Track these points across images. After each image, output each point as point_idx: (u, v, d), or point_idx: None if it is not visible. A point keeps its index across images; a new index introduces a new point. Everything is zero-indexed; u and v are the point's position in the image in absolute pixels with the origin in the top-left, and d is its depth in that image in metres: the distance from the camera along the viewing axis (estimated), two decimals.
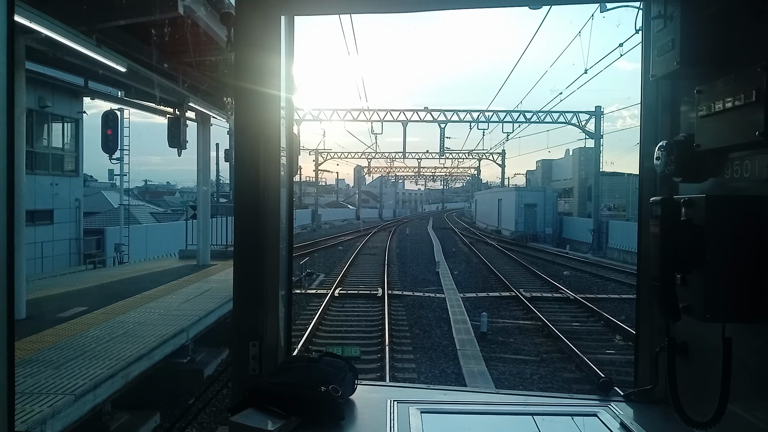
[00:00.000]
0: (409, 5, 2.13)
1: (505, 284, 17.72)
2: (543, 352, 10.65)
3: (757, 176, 1.46)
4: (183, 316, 8.22)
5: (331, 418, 1.73)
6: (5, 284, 1.23)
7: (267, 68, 1.93)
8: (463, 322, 12.53)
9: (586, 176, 41.98)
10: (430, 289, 17.05)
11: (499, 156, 58.56)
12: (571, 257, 27.85)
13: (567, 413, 1.91)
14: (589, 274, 21.40)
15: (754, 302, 1.45)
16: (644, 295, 1.97)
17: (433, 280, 19.28)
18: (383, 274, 19.85)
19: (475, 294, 16.30)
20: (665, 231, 1.58)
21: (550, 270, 22.33)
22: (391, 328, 11.88)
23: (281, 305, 2.06)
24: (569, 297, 15.71)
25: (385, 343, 10.59)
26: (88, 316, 8.19)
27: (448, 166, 74.65)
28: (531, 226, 41.30)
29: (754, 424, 1.48)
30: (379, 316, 13.10)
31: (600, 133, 33.55)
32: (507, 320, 13.18)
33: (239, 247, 1.99)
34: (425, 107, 35.22)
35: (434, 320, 13.04)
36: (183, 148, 11.83)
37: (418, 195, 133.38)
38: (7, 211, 1.24)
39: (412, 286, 17.80)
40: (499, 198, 49.71)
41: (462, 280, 19.39)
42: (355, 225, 54.93)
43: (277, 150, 1.98)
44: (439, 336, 11.65)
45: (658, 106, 1.92)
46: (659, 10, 1.68)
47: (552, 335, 11.58)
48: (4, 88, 1.23)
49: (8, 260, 1.24)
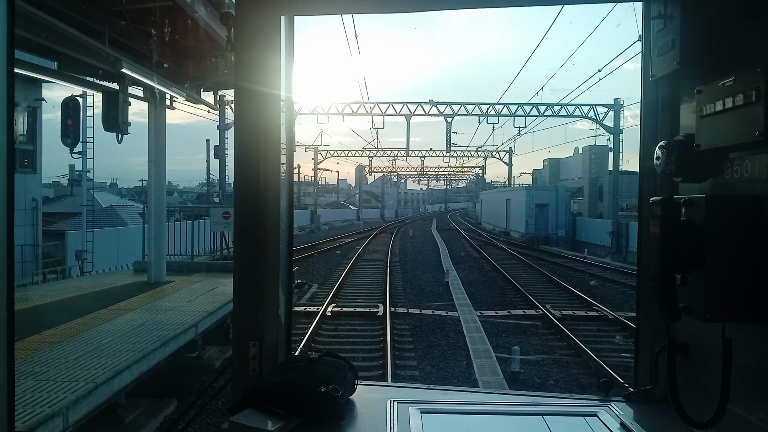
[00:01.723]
0: (409, 5, 2.12)
1: (528, 299, 14.99)
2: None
3: (757, 176, 1.47)
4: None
5: (331, 418, 1.74)
6: (5, 284, 1.29)
7: (267, 68, 1.95)
8: (486, 354, 9.79)
9: (596, 175, 40.59)
10: (441, 305, 14.36)
11: (506, 154, 55.92)
12: (592, 263, 25.21)
13: (567, 413, 1.91)
14: (616, 283, 18.67)
15: (754, 302, 1.45)
16: (644, 295, 1.97)
17: (442, 293, 16.52)
18: (385, 285, 17.14)
19: (494, 312, 13.56)
20: (665, 231, 1.57)
21: (574, 279, 19.62)
22: (395, 364, 9.15)
23: (281, 305, 2.07)
24: (608, 316, 12.95)
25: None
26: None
27: (453, 164, 71.64)
28: (542, 228, 38.43)
29: (754, 424, 1.48)
30: (380, 347, 10.35)
31: (619, 127, 30.73)
32: (541, 352, 10.39)
33: (239, 247, 1.99)
34: (430, 99, 32.24)
35: (449, 351, 10.33)
36: (123, 132, 9.02)
37: (420, 195, 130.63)
38: (7, 212, 1.30)
39: (419, 300, 15.11)
40: (507, 198, 46.97)
41: (476, 292, 16.64)
42: (356, 226, 52.96)
43: (277, 150, 2.00)
44: (459, 377, 8.88)
45: (658, 106, 1.93)
46: (659, 10, 1.69)
47: (606, 375, 8.72)
48: (4, 87, 1.30)
49: (8, 261, 1.30)
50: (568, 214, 39.59)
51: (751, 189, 1.48)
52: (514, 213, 44.12)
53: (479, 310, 13.65)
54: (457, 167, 76.33)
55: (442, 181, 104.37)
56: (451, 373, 9.17)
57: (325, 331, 11.72)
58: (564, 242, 37.11)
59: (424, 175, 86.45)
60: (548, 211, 38.86)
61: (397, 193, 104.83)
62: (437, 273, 20.56)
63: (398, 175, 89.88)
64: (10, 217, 1.30)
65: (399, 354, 10.02)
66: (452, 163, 68.85)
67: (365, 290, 16.93)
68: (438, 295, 16.17)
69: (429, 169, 78.70)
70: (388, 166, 72.61)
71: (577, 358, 10.04)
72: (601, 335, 11.71)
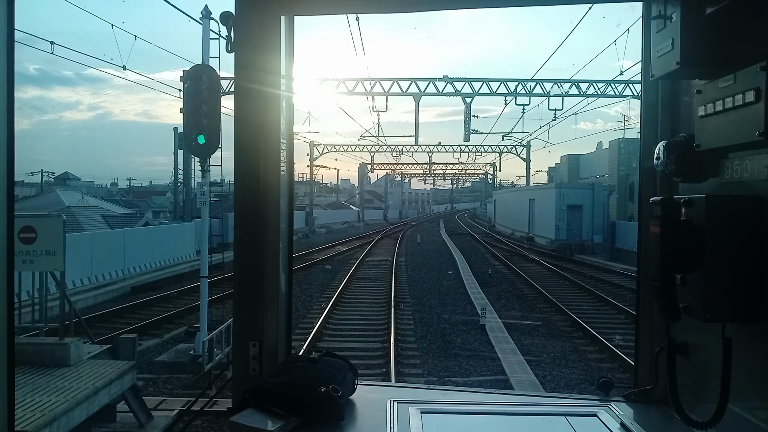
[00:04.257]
0: (409, 5, 2.17)
1: (622, 359, 9.49)
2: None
3: (757, 176, 1.50)
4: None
5: (331, 418, 1.77)
6: (5, 285, 1.31)
7: (267, 68, 1.97)
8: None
9: (626, 172, 37.08)
10: (484, 375, 9.05)
11: (523, 149, 50.33)
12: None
13: (567, 413, 1.93)
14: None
15: (754, 302, 1.48)
16: (644, 295, 2.00)
17: (479, 348, 10.23)
18: (388, 333, 10.79)
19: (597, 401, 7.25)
20: (665, 231, 1.60)
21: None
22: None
23: (281, 305, 2.10)
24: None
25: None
26: None
27: (464, 161, 65.66)
28: (575, 233, 33.40)
29: (754, 424, 1.51)
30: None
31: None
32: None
33: (239, 247, 2.01)
34: (444, 75, 25.80)
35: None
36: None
37: (425, 195, 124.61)
38: (7, 212, 1.32)
39: (444, 364, 9.82)
40: (530, 197, 40.95)
41: (532, 345, 10.30)
42: (356, 229, 50.55)
43: (277, 150, 2.02)
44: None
45: (658, 106, 1.96)
46: (659, 10, 1.71)
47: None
48: (5, 87, 1.29)
49: (8, 261, 1.32)
50: (606, 216, 33.59)
51: (751, 189, 1.52)
52: (539, 215, 39.34)
53: (556, 391, 8.30)
54: (468, 164, 70.17)
55: (449, 180, 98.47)
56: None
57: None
58: (602, 250, 32.17)
59: (431, 173, 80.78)
60: (582, 213, 33.87)
61: (401, 192, 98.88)
62: (461, 303, 15.38)
63: (402, 174, 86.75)
64: (10, 217, 1.34)
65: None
66: (463, 159, 62.79)
67: (357, 340, 11.60)
68: (474, 353, 9.79)
69: (436, 167, 75.09)
70: (392, 163, 66.40)
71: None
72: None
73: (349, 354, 9.82)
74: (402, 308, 14.52)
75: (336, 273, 21.01)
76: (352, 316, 13.79)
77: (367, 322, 13.20)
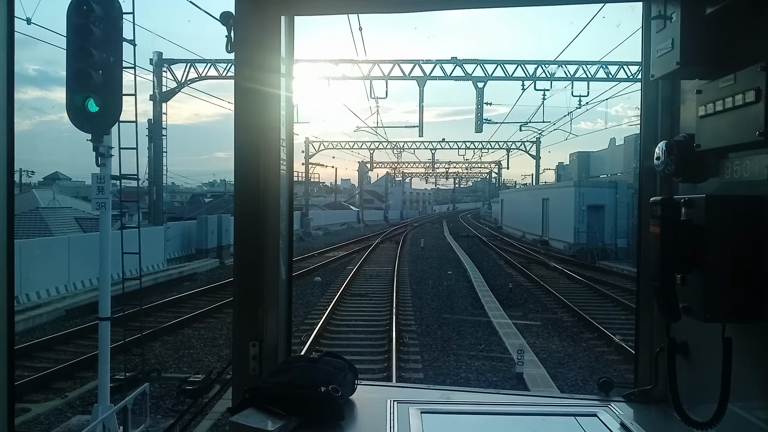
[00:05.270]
0: (409, 5, 2.17)
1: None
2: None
3: (757, 176, 1.51)
4: None
5: (331, 418, 1.78)
6: (5, 285, 1.31)
7: (267, 68, 2.00)
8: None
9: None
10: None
11: (532, 146, 47.77)
12: None
13: (567, 413, 1.94)
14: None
15: (754, 302, 1.48)
16: (644, 295, 2.02)
17: None
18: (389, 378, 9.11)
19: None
20: (665, 231, 1.60)
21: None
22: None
23: (281, 305, 2.12)
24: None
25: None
26: None
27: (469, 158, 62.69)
28: (597, 237, 30.52)
29: (754, 424, 1.51)
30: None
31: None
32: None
33: (239, 247, 2.04)
34: (453, 57, 22.39)
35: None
36: None
37: (426, 195, 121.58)
38: (7, 212, 1.32)
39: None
40: (544, 197, 37.70)
41: None
42: (355, 231, 48.22)
43: (277, 150, 2.04)
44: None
45: (658, 106, 1.97)
46: (659, 10, 1.72)
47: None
48: (5, 87, 1.29)
49: (8, 261, 1.32)
50: (631, 218, 30.34)
51: (751, 189, 1.52)
52: (555, 216, 36.80)
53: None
54: (473, 162, 67.04)
55: (451, 179, 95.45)
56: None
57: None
58: (626, 255, 28.90)
59: (432, 172, 78.10)
60: (604, 214, 31.02)
61: (402, 192, 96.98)
62: (483, 334, 11.96)
63: (403, 173, 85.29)
64: (11, 217, 1.33)
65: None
66: (469, 157, 59.85)
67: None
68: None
69: (439, 165, 73.48)
70: (393, 162, 63.64)
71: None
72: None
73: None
74: (406, 341, 11.15)
75: (326, 287, 17.87)
76: (340, 348, 10.59)
77: (358, 365, 9.76)
